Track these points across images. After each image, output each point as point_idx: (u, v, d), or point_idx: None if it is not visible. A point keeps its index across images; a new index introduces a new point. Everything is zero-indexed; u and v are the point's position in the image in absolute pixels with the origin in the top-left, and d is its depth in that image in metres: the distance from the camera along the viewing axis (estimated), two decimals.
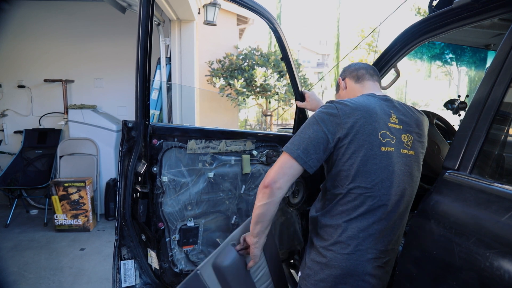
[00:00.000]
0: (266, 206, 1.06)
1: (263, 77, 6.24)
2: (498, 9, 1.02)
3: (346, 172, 1.05)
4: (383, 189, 1.06)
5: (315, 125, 1.06)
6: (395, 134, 1.10)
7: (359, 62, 1.35)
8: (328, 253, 1.07)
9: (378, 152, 1.05)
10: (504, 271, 0.73)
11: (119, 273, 1.38)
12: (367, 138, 1.04)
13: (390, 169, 1.07)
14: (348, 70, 1.33)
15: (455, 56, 2.55)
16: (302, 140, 1.05)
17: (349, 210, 1.06)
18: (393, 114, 1.13)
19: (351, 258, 1.05)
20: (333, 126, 1.05)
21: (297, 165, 1.04)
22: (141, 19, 1.22)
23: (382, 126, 1.08)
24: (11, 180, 3.85)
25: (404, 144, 1.11)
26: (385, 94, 1.23)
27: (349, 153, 1.04)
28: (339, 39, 14.99)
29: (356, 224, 1.05)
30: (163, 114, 4.23)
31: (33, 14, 4.22)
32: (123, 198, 1.34)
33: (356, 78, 1.29)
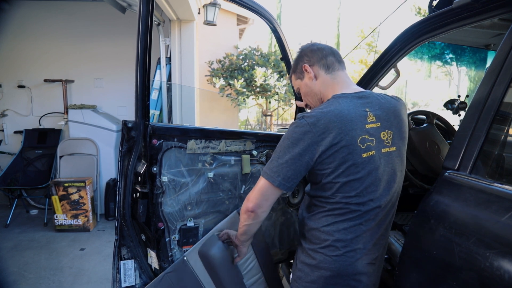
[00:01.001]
0: (250, 226, 1.14)
1: (263, 77, 6.24)
2: (498, 9, 1.02)
3: (330, 185, 1.05)
4: (368, 195, 1.05)
5: (290, 148, 1.03)
6: (374, 134, 1.07)
7: (320, 44, 1.22)
8: (317, 255, 1.07)
9: (360, 160, 1.03)
10: (504, 271, 0.73)
11: (119, 273, 1.38)
12: (347, 149, 1.01)
13: (374, 174, 1.05)
14: (314, 56, 1.19)
15: (455, 56, 2.55)
16: (281, 166, 1.03)
17: (335, 215, 1.06)
18: (369, 113, 1.08)
19: (340, 259, 1.05)
20: (310, 145, 1.01)
21: (279, 191, 1.06)
22: (141, 19, 1.21)
23: (360, 131, 1.04)
24: (11, 180, 3.85)
25: (384, 143, 1.09)
26: (357, 90, 1.15)
27: (331, 168, 1.02)
28: (339, 39, 14.98)
29: (343, 227, 1.05)
30: (163, 114, 4.23)
31: (33, 14, 4.22)
32: (123, 198, 1.34)
33: (326, 68, 1.17)
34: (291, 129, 1.05)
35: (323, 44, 1.22)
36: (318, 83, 1.18)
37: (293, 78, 1.26)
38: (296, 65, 1.23)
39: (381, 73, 1.56)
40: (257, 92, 6.59)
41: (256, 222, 1.12)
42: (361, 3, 26.44)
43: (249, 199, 1.09)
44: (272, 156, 1.08)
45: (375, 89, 1.63)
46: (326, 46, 1.21)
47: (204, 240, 1.29)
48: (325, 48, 1.20)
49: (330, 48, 1.21)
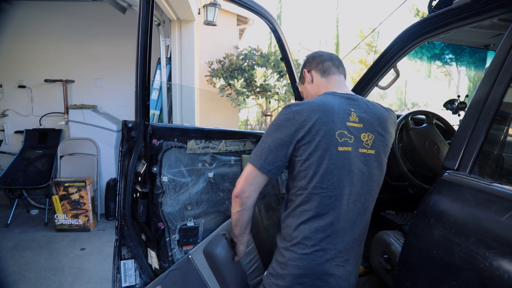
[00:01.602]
0: (240, 213, 1.15)
1: (263, 77, 6.24)
2: (498, 9, 1.02)
3: (304, 172, 1.06)
4: (339, 189, 1.06)
5: (273, 133, 1.08)
6: (354, 133, 1.09)
7: (323, 52, 1.31)
8: (287, 253, 1.09)
9: (335, 152, 1.05)
10: (504, 271, 0.73)
11: (119, 273, 1.38)
12: (324, 138, 1.04)
13: (346, 169, 1.07)
14: (313, 62, 1.29)
15: (454, 56, 2.55)
16: (263, 150, 1.08)
17: (307, 211, 1.07)
18: (353, 113, 1.11)
19: (308, 258, 1.06)
20: (291, 130, 1.06)
21: (261, 175, 1.09)
22: (141, 19, 1.22)
23: (340, 125, 1.07)
24: (12, 180, 3.85)
25: (363, 143, 1.10)
26: (347, 92, 1.20)
27: (306, 155, 1.05)
28: (339, 39, 14.98)
29: (314, 225, 1.06)
30: (163, 114, 4.23)
31: (33, 14, 4.22)
32: (123, 198, 1.34)
33: (322, 72, 1.26)
34: (277, 117, 1.11)
35: (325, 52, 1.30)
36: (314, 86, 1.27)
37: (299, 84, 1.38)
38: (301, 71, 1.35)
39: (380, 73, 1.56)
40: (257, 92, 6.60)
41: (243, 209, 1.13)
42: (360, 3, 26.45)
43: (236, 185, 1.12)
44: (259, 142, 1.12)
45: (374, 89, 1.63)
46: (325, 53, 1.29)
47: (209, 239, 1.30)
48: (323, 55, 1.28)
49: (329, 55, 1.28)
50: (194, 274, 1.36)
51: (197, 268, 1.32)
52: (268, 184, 1.57)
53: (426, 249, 0.95)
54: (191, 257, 1.27)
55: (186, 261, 1.31)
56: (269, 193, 1.60)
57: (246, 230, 1.22)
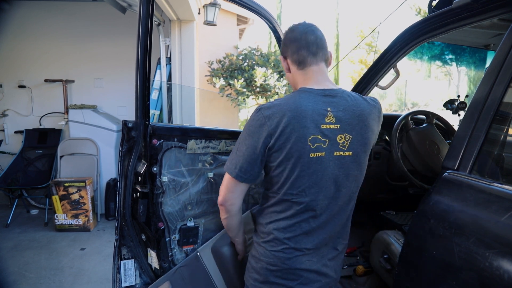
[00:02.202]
0: (228, 220, 1.16)
1: (263, 77, 6.24)
2: (498, 9, 1.02)
3: (276, 178, 1.06)
4: (310, 195, 1.05)
5: (246, 140, 1.06)
6: (329, 135, 1.04)
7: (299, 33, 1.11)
8: (260, 248, 1.11)
9: (307, 159, 1.02)
10: (503, 271, 0.73)
11: (119, 273, 1.38)
12: (295, 145, 1.01)
13: (319, 175, 1.04)
14: (289, 49, 1.13)
15: (455, 56, 2.55)
16: (238, 158, 1.07)
17: (277, 212, 1.08)
18: (329, 113, 1.05)
19: (278, 255, 1.08)
20: (262, 137, 1.03)
21: (239, 183, 1.08)
22: (141, 19, 1.22)
23: (313, 130, 1.02)
24: (12, 180, 3.85)
25: (339, 146, 1.06)
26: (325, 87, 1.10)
27: (277, 161, 1.03)
28: (339, 39, 14.98)
29: (283, 225, 1.07)
30: (163, 114, 4.23)
31: (33, 14, 4.22)
32: (123, 198, 1.34)
33: (298, 63, 1.12)
34: (249, 122, 1.07)
35: (301, 32, 1.11)
36: (292, 75, 1.17)
37: (281, 58, 1.22)
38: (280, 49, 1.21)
39: (380, 73, 1.56)
40: (257, 92, 6.60)
41: (229, 216, 1.15)
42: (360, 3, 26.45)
43: (219, 193, 1.13)
44: (233, 149, 1.11)
45: (374, 89, 1.63)
46: (301, 36, 1.11)
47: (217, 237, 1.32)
48: (299, 40, 1.10)
49: (305, 39, 1.10)
50: (201, 271, 1.37)
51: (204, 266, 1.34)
52: None
53: (426, 249, 0.95)
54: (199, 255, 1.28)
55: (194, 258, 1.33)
56: None
57: (239, 232, 1.24)
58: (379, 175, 2.18)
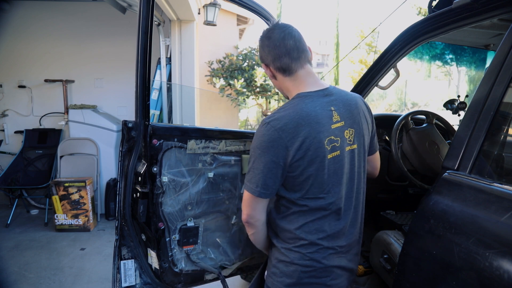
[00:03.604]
0: (255, 235, 1.17)
1: (263, 77, 6.24)
2: (498, 9, 1.02)
3: (299, 186, 1.06)
4: (336, 194, 1.08)
5: (262, 157, 1.02)
6: (339, 134, 1.07)
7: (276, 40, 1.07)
8: (291, 253, 1.10)
9: (327, 161, 1.05)
10: (503, 271, 0.73)
11: (119, 273, 1.38)
12: (315, 152, 1.02)
13: (339, 173, 1.08)
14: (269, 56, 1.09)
15: (455, 56, 2.56)
16: (258, 176, 1.04)
17: (306, 216, 1.08)
18: (334, 112, 1.07)
19: (314, 256, 1.09)
20: (280, 151, 1.01)
21: (262, 199, 1.08)
22: (141, 19, 1.22)
23: (326, 132, 1.04)
24: (12, 180, 3.85)
25: (347, 141, 1.10)
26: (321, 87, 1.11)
27: (299, 170, 1.04)
28: (339, 39, 14.98)
29: (315, 227, 1.08)
30: (163, 114, 4.23)
31: (33, 14, 4.22)
32: (123, 198, 1.34)
33: (283, 71, 1.10)
34: (259, 138, 1.04)
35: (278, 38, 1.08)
36: (279, 82, 1.14)
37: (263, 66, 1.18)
38: (259, 54, 1.16)
39: (381, 73, 1.56)
40: (257, 92, 6.60)
41: (256, 231, 1.16)
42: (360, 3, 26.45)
43: (242, 211, 1.13)
44: (249, 168, 1.08)
45: (374, 89, 1.64)
46: (280, 44, 1.07)
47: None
48: (279, 47, 1.07)
49: (284, 46, 1.07)
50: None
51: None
52: None
53: (426, 249, 0.95)
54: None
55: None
56: None
57: (266, 244, 1.23)
58: (379, 175, 2.17)
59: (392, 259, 1.48)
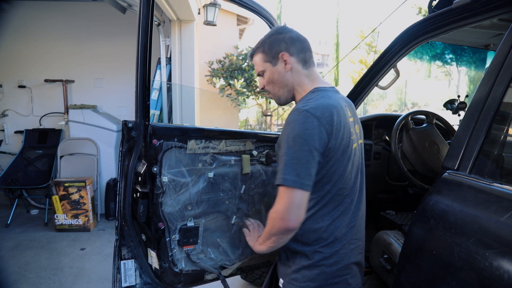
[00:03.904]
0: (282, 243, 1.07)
1: None
2: (498, 9, 1.02)
3: (329, 177, 1.04)
4: (354, 185, 1.12)
5: (304, 145, 0.98)
6: (353, 127, 1.13)
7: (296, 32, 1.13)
8: (316, 255, 1.07)
9: (351, 150, 1.08)
10: (503, 271, 0.73)
11: (119, 273, 1.38)
12: (345, 140, 1.05)
13: (356, 165, 1.12)
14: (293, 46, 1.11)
15: (455, 56, 2.56)
16: (300, 166, 0.97)
17: (331, 211, 1.08)
18: (346, 108, 1.13)
19: (338, 253, 1.08)
20: (320, 137, 0.99)
21: (306, 193, 0.99)
22: (141, 19, 1.22)
23: (350, 125, 1.10)
24: (12, 180, 3.85)
25: (357, 136, 1.16)
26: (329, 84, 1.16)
27: (333, 159, 1.03)
28: (339, 39, 14.98)
29: (340, 222, 1.09)
30: (163, 114, 4.23)
31: (33, 14, 4.22)
32: (123, 198, 1.34)
33: (303, 62, 1.12)
34: (299, 126, 0.98)
35: (299, 34, 1.15)
36: (293, 76, 1.13)
37: (260, 58, 1.15)
38: (270, 47, 1.12)
39: (381, 73, 1.56)
40: (257, 92, 6.60)
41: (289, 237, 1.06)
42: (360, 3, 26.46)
43: (284, 218, 0.97)
44: (286, 160, 0.98)
45: (374, 89, 1.64)
46: (303, 39, 1.14)
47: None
48: (305, 41, 1.14)
49: (307, 41, 1.15)
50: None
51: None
52: (268, 184, 1.58)
53: (426, 249, 0.95)
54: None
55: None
56: (270, 193, 1.60)
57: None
58: (379, 175, 2.18)
59: (392, 259, 1.48)
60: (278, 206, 0.98)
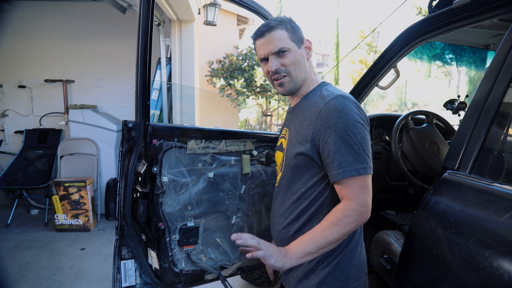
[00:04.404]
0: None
1: (263, 77, 6.24)
2: (498, 9, 1.02)
3: None
4: None
5: (366, 130, 1.00)
6: None
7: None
8: (357, 248, 1.07)
9: None
10: (503, 271, 0.73)
11: (120, 273, 1.38)
12: None
13: None
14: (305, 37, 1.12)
15: (455, 56, 2.56)
16: (368, 151, 0.97)
17: None
18: None
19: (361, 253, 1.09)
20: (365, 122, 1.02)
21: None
22: (141, 19, 1.22)
23: None
24: (12, 180, 3.85)
25: None
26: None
27: None
28: (339, 39, 14.98)
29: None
30: (163, 114, 4.23)
31: (33, 14, 4.22)
32: (123, 198, 1.34)
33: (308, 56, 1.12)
34: (356, 111, 0.97)
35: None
36: (308, 64, 1.12)
37: (285, 35, 1.06)
38: (294, 30, 1.08)
39: (381, 73, 1.56)
40: (257, 92, 6.60)
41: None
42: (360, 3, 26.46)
43: (369, 209, 0.96)
44: (358, 148, 0.95)
45: (374, 89, 1.64)
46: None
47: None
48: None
49: None
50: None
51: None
52: (268, 184, 1.58)
53: (426, 249, 0.95)
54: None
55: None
56: (270, 193, 1.60)
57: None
58: (379, 175, 2.18)
59: (392, 259, 1.48)
60: (365, 197, 0.95)
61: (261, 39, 1.07)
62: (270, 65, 1.06)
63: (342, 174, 0.94)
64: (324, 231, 0.95)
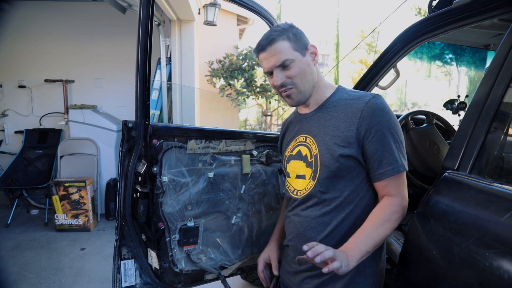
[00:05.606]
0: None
1: (263, 77, 6.24)
2: (498, 9, 1.02)
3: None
4: None
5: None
6: None
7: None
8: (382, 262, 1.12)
9: None
10: (503, 271, 0.73)
11: (119, 273, 1.38)
12: None
13: None
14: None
15: (455, 56, 2.55)
16: (405, 149, 1.03)
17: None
18: None
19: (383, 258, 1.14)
20: None
21: None
22: (141, 19, 1.22)
23: None
24: (12, 180, 3.86)
25: None
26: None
27: None
28: (339, 39, 14.98)
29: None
30: (163, 114, 4.23)
31: (33, 14, 4.23)
32: (123, 198, 1.34)
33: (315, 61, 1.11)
34: (391, 112, 1.01)
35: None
36: (315, 70, 1.08)
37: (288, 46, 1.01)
38: (296, 37, 1.04)
39: (381, 73, 1.56)
40: (257, 92, 6.60)
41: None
42: (360, 3, 26.48)
43: (407, 200, 1.02)
44: (400, 146, 1.00)
45: (375, 89, 1.64)
46: None
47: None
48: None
49: None
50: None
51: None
52: (268, 184, 1.58)
53: (426, 249, 0.95)
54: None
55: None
56: (270, 193, 1.60)
57: None
58: None
59: (392, 259, 1.48)
60: (406, 192, 1.00)
61: (263, 53, 1.03)
62: (276, 79, 1.03)
63: (391, 171, 0.97)
64: (377, 229, 0.95)
